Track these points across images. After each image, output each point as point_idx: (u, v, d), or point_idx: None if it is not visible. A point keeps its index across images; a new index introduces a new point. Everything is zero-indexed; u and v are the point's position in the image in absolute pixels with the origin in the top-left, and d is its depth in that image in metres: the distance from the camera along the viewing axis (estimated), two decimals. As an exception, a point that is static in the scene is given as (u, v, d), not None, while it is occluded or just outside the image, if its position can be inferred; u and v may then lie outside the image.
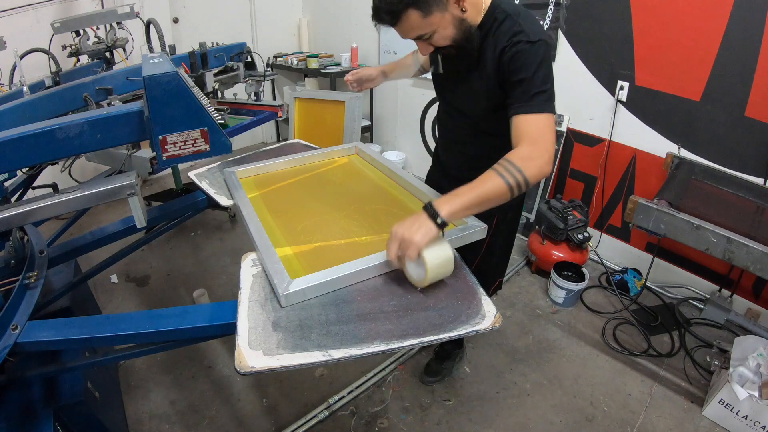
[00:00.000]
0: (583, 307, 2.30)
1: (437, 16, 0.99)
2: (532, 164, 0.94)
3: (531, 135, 0.97)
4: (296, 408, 1.73)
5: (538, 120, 0.98)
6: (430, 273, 0.86)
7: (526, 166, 0.93)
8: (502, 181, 0.92)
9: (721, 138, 2.06)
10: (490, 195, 0.93)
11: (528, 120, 0.99)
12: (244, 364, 0.74)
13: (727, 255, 1.46)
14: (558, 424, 1.68)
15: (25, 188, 1.59)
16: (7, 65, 1.78)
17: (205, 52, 2.04)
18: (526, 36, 1.00)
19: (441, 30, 1.02)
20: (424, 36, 1.02)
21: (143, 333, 0.92)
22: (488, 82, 1.09)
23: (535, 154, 0.95)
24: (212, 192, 1.32)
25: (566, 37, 2.45)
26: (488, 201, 0.94)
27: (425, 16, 0.97)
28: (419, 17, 0.97)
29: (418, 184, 1.30)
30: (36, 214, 0.96)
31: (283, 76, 4.30)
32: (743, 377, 1.62)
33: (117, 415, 1.60)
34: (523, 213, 2.83)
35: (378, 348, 0.78)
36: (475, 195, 0.92)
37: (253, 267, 0.98)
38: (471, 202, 0.92)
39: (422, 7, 0.96)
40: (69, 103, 1.44)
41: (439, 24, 1.00)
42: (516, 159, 0.94)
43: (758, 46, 1.85)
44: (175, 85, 0.96)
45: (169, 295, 2.37)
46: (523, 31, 1.01)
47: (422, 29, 1.00)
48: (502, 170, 0.93)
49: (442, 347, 1.88)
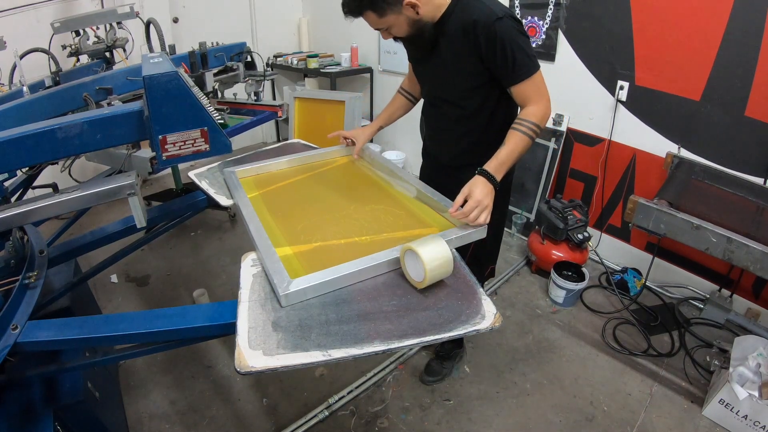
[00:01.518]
0: (583, 307, 2.30)
1: (392, 17, 1.16)
2: (540, 115, 1.19)
3: (532, 96, 1.19)
4: (296, 408, 1.73)
5: (532, 82, 1.18)
6: (428, 273, 0.86)
7: (538, 118, 1.18)
8: (527, 138, 1.17)
9: (721, 138, 2.06)
10: (522, 151, 1.18)
11: (525, 86, 1.18)
12: (244, 364, 0.74)
13: (727, 255, 1.46)
14: (558, 424, 1.68)
15: (25, 188, 1.60)
16: (7, 65, 1.78)
17: (205, 51, 2.04)
18: (492, 15, 1.13)
19: (396, 27, 1.19)
20: (382, 29, 1.21)
21: (143, 333, 0.92)
22: (462, 63, 1.23)
23: (541, 107, 1.19)
24: (212, 192, 1.32)
25: (566, 37, 2.45)
26: (520, 156, 1.19)
27: (380, 16, 1.16)
28: (375, 17, 1.16)
29: (418, 184, 1.30)
30: (36, 214, 0.96)
31: (283, 76, 4.30)
32: (743, 377, 1.62)
33: (117, 415, 1.60)
34: (523, 213, 2.84)
35: (378, 348, 0.78)
36: (513, 155, 1.16)
37: (253, 267, 0.98)
38: (511, 162, 1.17)
39: (377, 9, 1.14)
40: (69, 103, 1.44)
41: (394, 22, 1.18)
42: (530, 116, 1.18)
43: (758, 46, 1.85)
44: (175, 85, 0.96)
45: (169, 295, 2.37)
46: (486, 11, 1.14)
47: (379, 25, 1.19)
48: (525, 129, 1.17)
49: (443, 347, 1.88)
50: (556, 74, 2.54)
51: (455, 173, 1.33)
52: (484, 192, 1.09)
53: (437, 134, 1.48)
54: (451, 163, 1.45)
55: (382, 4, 1.13)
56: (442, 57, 1.26)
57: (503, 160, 1.15)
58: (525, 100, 1.20)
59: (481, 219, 1.06)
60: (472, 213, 1.06)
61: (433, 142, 1.52)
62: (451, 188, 1.17)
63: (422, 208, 1.22)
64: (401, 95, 1.60)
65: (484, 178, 1.12)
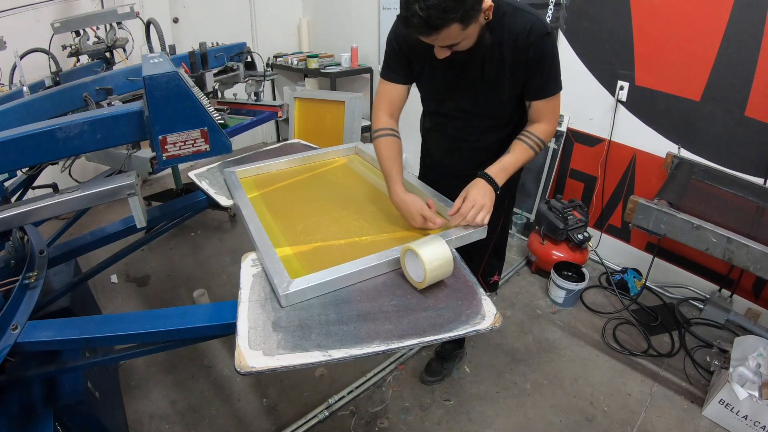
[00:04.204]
0: (583, 307, 2.30)
1: (473, 27, 1.00)
2: (549, 135, 1.22)
3: (547, 114, 1.20)
4: (296, 408, 1.73)
5: (553, 101, 1.19)
6: (429, 274, 0.86)
7: (546, 137, 1.21)
8: (531, 151, 1.19)
9: (721, 138, 2.06)
10: (524, 162, 1.20)
11: (547, 103, 1.19)
12: (244, 364, 0.74)
13: (727, 255, 1.46)
14: (558, 424, 1.68)
15: (25, 188, 1.59)
16: (7, 65, 1.78)
17: (205, 52, 2.04)
18: (544, 28, 1.08)
19: (470, 38, 1.03)
20: (453, 44, 1.02)
21: (143, 333, 0.92)
22: (506, 73, 1.14)
23: (551, 127, 1.21)
24: (212, 192, 1.32)
25: (566, 37, 2.45)
26: (521, 167, 1.21)
27: (464, 28, 0.97)
28: (459, 30, 0.97)
29: (418, 184, 1.30)
30: (36, 214, 0.96)
31: (283, 76, 4.30)
32: (743, 377, 1.62)
33: (117, 415, 1.60)
34: (523, 213, 2.84)
35: (378, 348, 0.78)
36: (515, 164, 1.18)
37: (253, 267, 0.98)
38: (513, 169, 1.18)
39: (465, 21, 0.95)
40: (69, 103, 1.44)
41: (470, 34, 1.02)
42: (539, 133, 1.19)
43: (758, 46, 1.85)
44: (175, 85, 0.96)
45: (169, 295, 2.37)
46: (540, 22, 1.08)
47: (456, 39, 1.00)
48: (531, 143, 1.19)
49: (443, 347, 1.88)
50: (556, 74, 2.55)
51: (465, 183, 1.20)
52: (482, 192, 1.09)
53: (457, 145, 1.36)
54: (467, 171, 1.27)
55: (473, 12, 0.95)
56: (482, 67, 1.15)
57: (505, 165, 1.16)
58: (540, 117, 1.20)
59: (479, 218, 1.06)
60: (470, 213, 1.06)
61: (449, 153, 1.39)
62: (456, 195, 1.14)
63: (422, 208, 1.22)
64: (390, 137, 1.26)
65: (484, 180, 1.12)
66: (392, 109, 1.29)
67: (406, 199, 1.15)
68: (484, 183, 1.12)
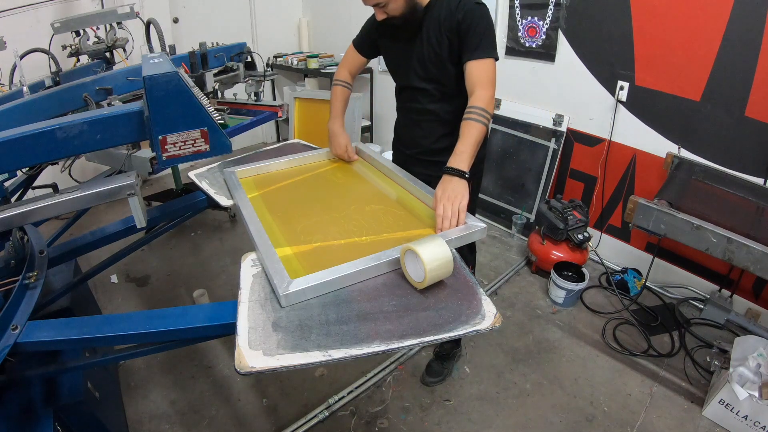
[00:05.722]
0: (583, 307, 2.30)
1: None
2: (488, 101, 1.25)
3: (483, 80, 1.26)
4: (296, 408, 1.73)
5: (487, 65, 1.27)
6: (429, 274, 0.86)
7: (486, 104, 1.24)
8: (481, 125, 1.22)
9: (721, 138, 2.06)
10: (480, 139, 1.22)
11: (480, 66, 1.27)
12: (244, 364, 0.73)
13: (727, 255, 1.46)
14: (558, 424, 1.68)
15: (25, 188, 1.59)
16: (7, 65, 1.78)
17: (205, 52, 2.04)
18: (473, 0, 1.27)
19: (393, 2, 1.26)
20: (380, 3, 1.26)
21: (143, 333, 0.92)
22: (444, 38, 1.31)
23: (489, 94, 1.26)
24: (212, 192, 1.32)
25: (566, 37, 2.45)
26: (479, 143, 1.22)
27: None
28: None
29: (418, 183, 1.29)
30: (36, 214, 0.96)
31: (283, 76, 4.30)
32: (743, 377, 1.62)
33: (117, 415, 1.60)
34: (523, 213, 2.84)
35: (378, 348, 0.78)
36: (473, 145, 1.19)
37: (253, 267, 0.98)
38: (473, 151, 1.19)
39: None
40: (69, 103, 1.44)
41: None
42: (478, 102, 1.24)
43: (758, 46, 1.85)
44: (175, 85, 0.96)
45: (169, 295, 2.37)
46: None
47: None
48: (478, 117, 1.22)
49: (442, 347, 1.88)
50: (556, 74, 2.55)
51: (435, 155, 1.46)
52: (450, 186, 1.10)
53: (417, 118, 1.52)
54: (432, 146, 1.51)
55: None
56: (424, 39, 1.35)
57: (460, 149, 1.19)
58: (475, 82, 1.27)
59: (462, 216, 1.07)
60: (452, 218, 1.06)
61: (411, 130, 1.56)
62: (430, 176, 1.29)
63: (422, 209, 1.22)
64: (344, 87, 1.59)
65: (449, 175, 1.14)
66: (352, 69, 1.60)
67: (338, 133, 1.50)
68: (449, 177, 1.13)
